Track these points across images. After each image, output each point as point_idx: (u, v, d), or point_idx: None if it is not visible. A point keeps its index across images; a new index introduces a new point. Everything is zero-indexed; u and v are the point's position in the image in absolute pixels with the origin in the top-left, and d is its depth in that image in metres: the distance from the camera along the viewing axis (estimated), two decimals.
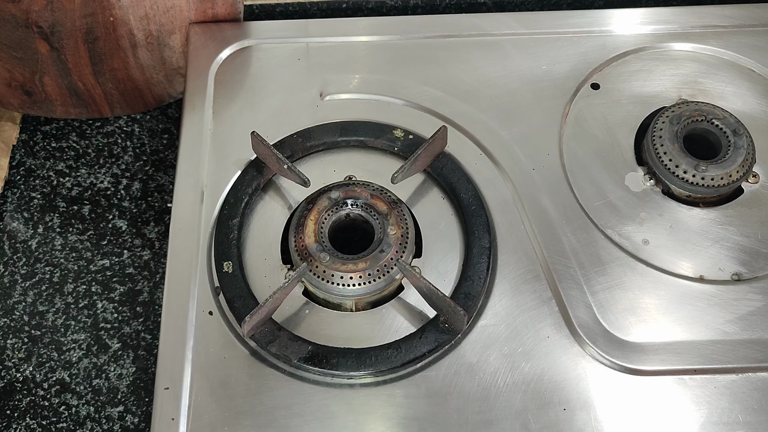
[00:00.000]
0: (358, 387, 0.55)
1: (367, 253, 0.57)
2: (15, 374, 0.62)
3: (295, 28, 0.73)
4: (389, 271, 0.57)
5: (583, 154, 0.66)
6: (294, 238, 0.58)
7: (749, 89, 0.70)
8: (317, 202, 0.59)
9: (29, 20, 0.65)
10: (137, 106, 0.75)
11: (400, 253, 0.57)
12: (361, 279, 0.56)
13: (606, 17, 0.74)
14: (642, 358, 0.57)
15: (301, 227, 0.58)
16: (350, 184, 0.61)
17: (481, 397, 0.55)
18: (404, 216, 0.59)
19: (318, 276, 0.56)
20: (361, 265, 0.56)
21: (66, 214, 0.70)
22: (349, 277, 0.56)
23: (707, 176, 0.62)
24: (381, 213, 0.59)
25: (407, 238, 0.58)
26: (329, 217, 0.59)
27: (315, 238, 0.57)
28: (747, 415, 0.55)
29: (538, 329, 0.58)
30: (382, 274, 0.56)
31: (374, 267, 0.56)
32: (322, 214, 0.58)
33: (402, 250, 0.57)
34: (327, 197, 0.59)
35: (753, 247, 0.62)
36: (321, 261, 0.56)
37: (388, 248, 0.57)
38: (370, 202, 0.59)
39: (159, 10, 0.68)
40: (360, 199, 0.59)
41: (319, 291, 0.58)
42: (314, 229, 0.57)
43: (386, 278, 0.57)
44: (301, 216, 0.59)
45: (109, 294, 0.66)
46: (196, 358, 0.56)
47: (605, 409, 0.55)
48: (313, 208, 0.58)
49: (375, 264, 0.56)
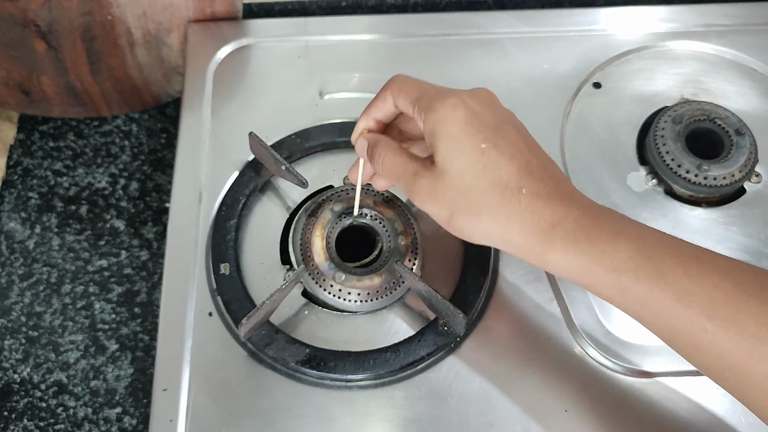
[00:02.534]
0: (357, 389, 0.55)
1: (379, 266, 0.57)
2: (12, 375, 0.62)
3: (295, 26, 0.73)
4: (402, 283, 0.56)
5: (585, 154, 0.66)
6: (303, 257, 0.57)
7: (752, 88, 0.69)
8: (320, 215, 0.58)
9: (26, 19, 0.65)
10: (135, 105, 0.75)
11: (412, 262, 0.56)
12: (377, 294, 0.56)
13: (608, 16, 0.73)
14: (644, 359, 0.56)
15: (308, 246, 0.57)
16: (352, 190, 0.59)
17: (482, 399, 0.54)
18: (411, 222, 0.58)
19: (333, 295, 0.56)
20: (376, 279, 0.56)
21: (63, 214, 0.70)
22: (366, 293, 0.56)
23: (710, 176, 0.62)
24: (388, 221, 0.58)
25: (417, 245, 0.57)
26: (334, 230, 0.58)
27: (325, 256, 0.56)
28: (749, 417, 0.54)
29: (540, 330, 0.57)
30: (396, 287, 0.56)
31: (390, 281, 0.56)
32: (327, 229, 0.57)
33: (414, 258, 0.57)
34: (329, 210, 0.58)
35: (755, 247, 0.62)
36: (336, 281, 0.56)
37: (401, 257, 0.56)
38: (376, 210, 0.58)
39: (157, 9, 0.68)
40: (364, 208, 0.58)
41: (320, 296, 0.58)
42: (323, 246, 0.57)
43: (399, 290, 0.57)
44: (305, 231, 0.57)
45: (107, 295, 0.66)
46: (194, 360, 0.56)
47: (607, 411, 0.54)
48: (317, 223, 0.57)
49: (390, 278, 0.56)
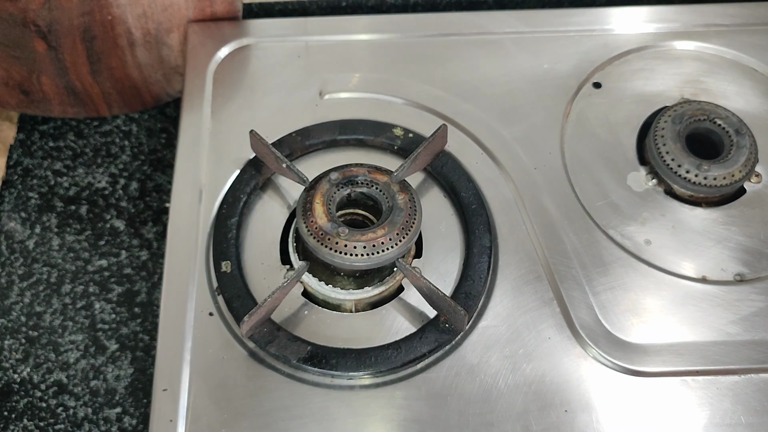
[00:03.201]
0: (357, 389, 0.55)
1: (382, 221, 0.56)
2: (12, 375, 0.62)
3: (295, 26, 0.73)
4: (407, 234, 0.56)
5: (585, 154, 0.66)
6: (305, 224, 0.56)
7: (752, 88, 0.69)
8: (318, 187, 0.58)
9: (27, 19, 0.65)
10: (135, 105, 0.75)
11: (413, 217, 0.56)
12: (383, 245, 0.55)
13: (608, 15, 0.73)
14: (644, 359, 0.56)
15: (309, 212, 0.56)
16: (345, 165, 0.60)
17: (482, 398, 0.54)
18: (406, 184, 0.58)
19: (339, 251, 0.55)
20: (380, 231, 0.55)
21: (63, 214, 0.70)
22: (372, 245, 0.55)
23: (710, 176, 0.62)
24: (383, 184, 0.58)
25: (415, 202, 0.57)
26: (334, 197, 0.58)
27: (327, 218, 0.56)
28: (749, 417, 0.54)
29: (540, 330, 0.57)
30: (401, 239, 0.55)
31: (393, 231, 0.55)
32: (326, 196, 0.57)
33: (413, 213, 0.56)
34: (326, 180, 0.58)
35: (755, 247, 0.62)
36: (341, 235, 0.55)
37: (400, 212, 0.56)
38: (370, 177, 0.58)
39: (157, 9, 0.68)
40: (359, 177, 0.58)
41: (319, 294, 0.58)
42: (323, 210, 0.56)
43: (404, 243, 0.55)
44: (306, 202, 0.57)
45: (107, 294, 0.66)
46: (194, 360, 0.55)
47: (607, 411, 0.54)
48: (316, 193, 0.57)
49: (393, 229, 0.55)
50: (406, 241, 0.56)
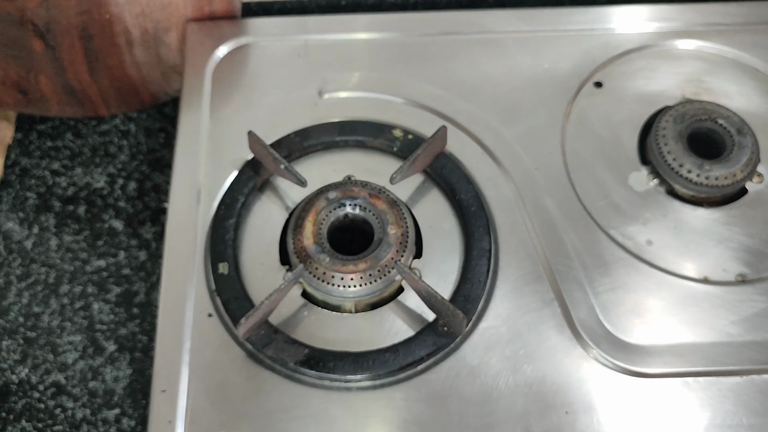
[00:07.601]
0: (356, 390, 0.55)
1: (367, 254, 0.57)
2: (10, 376, 0.62)
3: (294, 25, 0.73)
4: (389, 271, 0.56)
5: (586, 153, 0.65)
6: (292, 240, 0.57)
7: (754, 88, 0.69)
8: (315, 202, 0.58)
9: (24, 18, 0.65)
10: (133, 105, 0.75)
11: (400, 253, 0.56)
12: (362, 280, 0.55)
13: (609, 14, 0.73)
14: (645, 360, 0.56)
15: (299, 228, 0.57)
16: (348, 183, 0.60)
17: (483, 400, 0.54)
18: (404, 215, 0.58)
19: (317, 278, 0.55)
20: (361, 265, 0.56)
21: (61, 214, 0.69)
22: (350, 278, 0.55)
23: (711, 176, 0.62)
24: (380, 212, 0.58)
25: (407, 237, 0.57)
26: (327, 218, 0.58)
27: (314, 239, 0.56)
28: (751, 418, 0.54)
29: (540, 331, 0.57)
30: (382, 275, 0.56)
31: (375, 267, 0.56)
32: (320, 215, 0.57)
33: (402, 249, 0.57)
34: (324, 198, 0.58)
35: (757, 247, 0.61)
36: (320, 263, 0.55)
37: (388, 248, 0.56)
38: (369, 201, 0.58)
39: (155, 7, 0.68)
40: (358, 199, 0.58)
41: (319, 293, 0.57)
42: (312, 230, 0.57)
43: (386, 279, 0.56)
44: (299, 217, 0.58)
45: (105, 295, 0.65)
46: (193, 361, 0.55)
47: (608, 412, 0.54)
48: (311, 209, 0.58)
49: (375, 264, 0.56)
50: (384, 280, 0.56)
